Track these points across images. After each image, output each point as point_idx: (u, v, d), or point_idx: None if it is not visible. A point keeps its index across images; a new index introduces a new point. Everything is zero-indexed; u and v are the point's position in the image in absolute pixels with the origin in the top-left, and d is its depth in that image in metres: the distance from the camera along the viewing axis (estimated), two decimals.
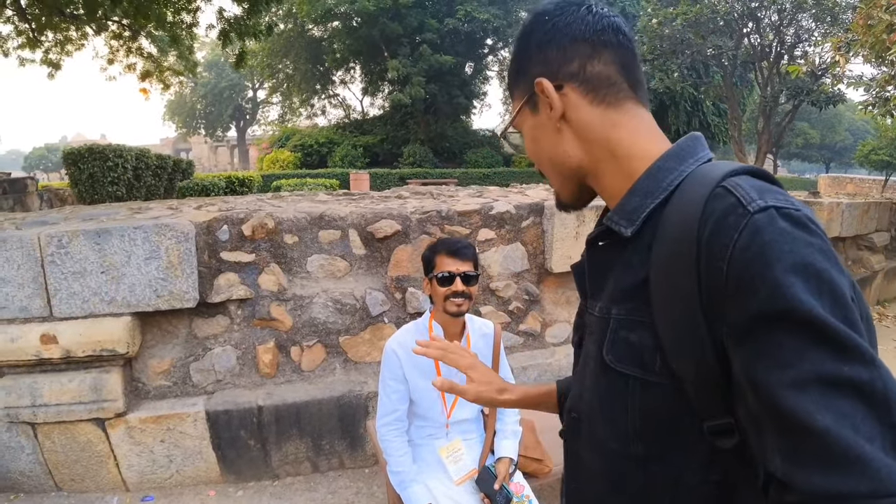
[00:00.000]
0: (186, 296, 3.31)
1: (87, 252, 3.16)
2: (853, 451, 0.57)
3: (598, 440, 0.91)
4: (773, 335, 0.63)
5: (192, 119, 47.59)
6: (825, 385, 0.59)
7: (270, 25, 10.19)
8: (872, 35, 6.55)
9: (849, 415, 0.58)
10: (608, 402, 0.87)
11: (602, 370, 0.87)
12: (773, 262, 0.64)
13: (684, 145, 0.87)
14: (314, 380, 3.67)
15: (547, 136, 0.93)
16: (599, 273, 0.92)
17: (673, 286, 0.75)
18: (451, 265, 2.21)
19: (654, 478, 0.83)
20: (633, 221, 0.83)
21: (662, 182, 0.83)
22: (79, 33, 11.21)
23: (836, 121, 46.03)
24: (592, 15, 0.89)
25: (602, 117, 0.88)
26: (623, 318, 0.84)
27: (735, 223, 0.68)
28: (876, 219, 7.46)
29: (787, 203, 0.69)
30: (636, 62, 0.91)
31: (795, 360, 0.61)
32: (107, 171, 7.72)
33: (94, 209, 4.34)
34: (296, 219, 3.71)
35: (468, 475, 2.31)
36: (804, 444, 0.60)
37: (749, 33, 18.23)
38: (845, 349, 0.60)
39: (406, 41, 28.75)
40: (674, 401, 0.78)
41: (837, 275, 0.65)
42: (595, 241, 0.94)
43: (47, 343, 3.13)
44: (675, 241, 0.75)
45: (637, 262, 0.83)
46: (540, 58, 0.91)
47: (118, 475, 3.38)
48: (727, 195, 0.71)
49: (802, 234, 0.66)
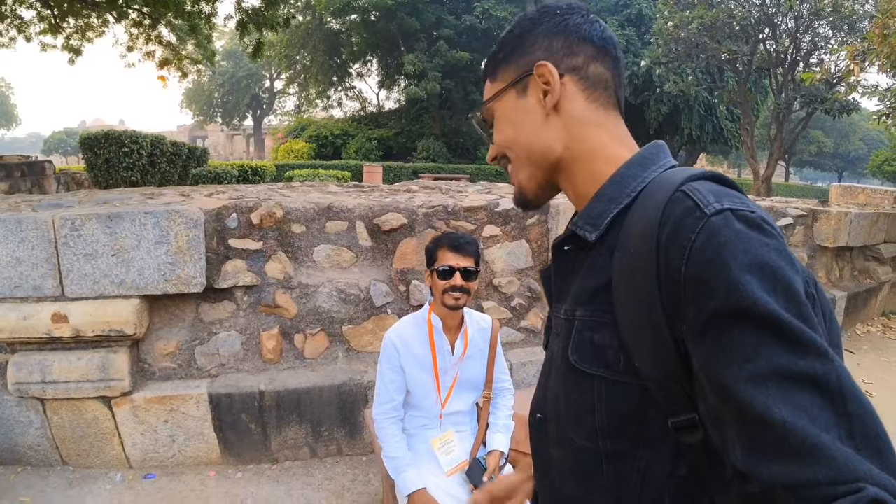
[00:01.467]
0: (194, 281, 3.39)
1: (99, 235, 3.24)
2: (810, 440, 0.58)
3: (566, 438, 0.92)
4: (731, 332, 0.65)
5: (210, 107, 47.82)
6: (781, 378, 0.61)
7: (288, 17, 10.27)
8: (888, 45, 6.53)
9: (805, 406, 0.60)
10: (575, 401, 0.89)
11: (568, 370, 0.89)
12: (728, 262, 0.66)
13: (647, 153, 0.90)
14: (316, 367, 3.75)
15: (531, 123, 0.94)
16: (565, 277, 0.95)
17: (634, 287, 0.77)
18: (452, 259, 2.27)
19: (623, 473, 0.84)
20: (598, 226, 0.86)
21: (626, 188, 0.86)
22: (99, 20, 11.35)
23: (850, 130, 45.60)
24: (599, 25, 0.93)
25: (592, 116, 0.91)
26: (587, 319, 0.86)
27: (692, 225, 0.71)
28: (885, 230, 7.40)
29: (743, 205, 0.71)
30: (622, 78, 0.95)
31: (752, 356, 0.63)
32: (122, 157, 7.83)
33: (108, 193, 4.43)
34: (304, 209, 3.78)
35: (459, 467, 2.37)
36: (763, 435, 0.61)
37: (765, 39, 18.12)
38: (800, 344, 0.62)
39: (423, 36, 28.80)
40: (638, 398, 0.80)
41: (791, 273, 0.67)
42: (561, 245, 0.96)
43: (58, 322, 3.22)
44: (635, 244, 0.77)
45: (601, 265, 0.85)
46: (545, 44, 0.92)
47: (122, 452, 3.48)
48: (685, 199, 0.74)
49: (757, 234, 0.68)
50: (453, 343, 2.39)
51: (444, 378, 2.38)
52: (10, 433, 3.41)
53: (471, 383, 2.47)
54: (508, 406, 2.57)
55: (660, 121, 26.30)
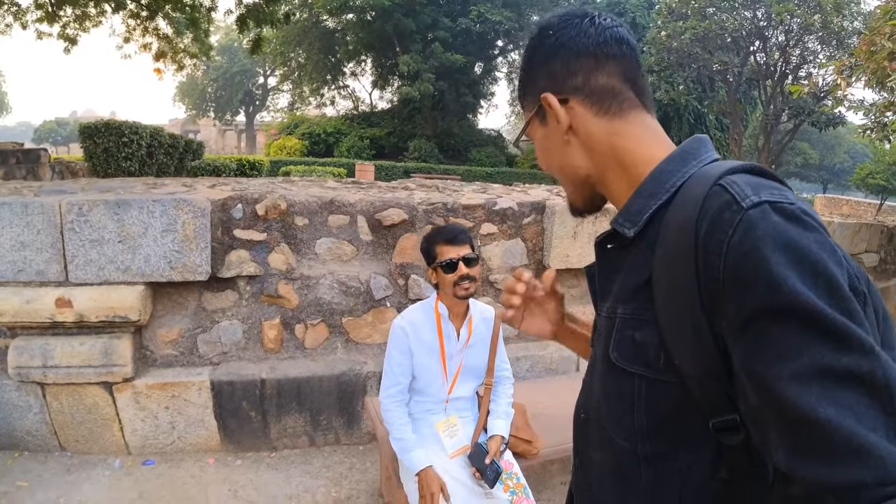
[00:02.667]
0: (199, 269, 3.44)
1: (106, 221, 3.28)
2: (856, 440, 0.56)
3: (606, 439, 0.91)
4: (772, 329, 0.63)
5: (203, 102, 47.56)
6: (825, 376, 0.59)
7: (288, 14, 10.31)
8: (874, 61, 6.64)
9: (850, 405, 0.58)
10: (615, 400, 0.88)
11: (608, 369, 0.88)
12: (768, 256, 0.64)
13: (688, 147, 0.88)
14: (316, 357, 3.81)
15: (556, 147, 0.96)
16: (608, 275, 0.94)
17: (674, 284, 0.76)
18: (451, 252, 2.35)
19: (663, 475, 0.83)
20: (636, 223, 0.85)
21: (665, 184, 0.84)
22: (97, 10, 11.31)
23: (836, 143, 46.14)
24: (595, 27, 0.91)
25: (607, 128, 0.90)
26: (628, 316, 0.85)
27: (730, 219, 0.69)
28: (866, 240, 7.57)
29: (781, 197, 0.69)
30: (639, 70, 0.93)
31: (794, 353, 0.61)
32: (122, 147, 7.84)
33: (109, 182, 4.47)
34: (307, 202, 3.84)
35: (462, 450, 2.45)
36: (807, 436, 0.60)
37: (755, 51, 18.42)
38: (844, 340, 0.60)
39: (418, 38, 28.92)
40: (679, 398, 0.78)
41: (834, 266, 0.65)
42: (603, 243, 0.96)
43: (62, 307, 3.25)
44: (675, 240, 0.76)
45: (642, 262, 0.84)
46: (545, 72, 0.93)
47: (122, 439, 3.51)
48: (723, 193, 0.72)
49: (796, 226, 0.66)
50: (459, 330, 2.49)
51: (450, 363, 2.47)
52: (8, 418, 3.43)
53: (474, 371, 2.56)
54: (508, 394, 2.66)
55: None
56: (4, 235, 3.23)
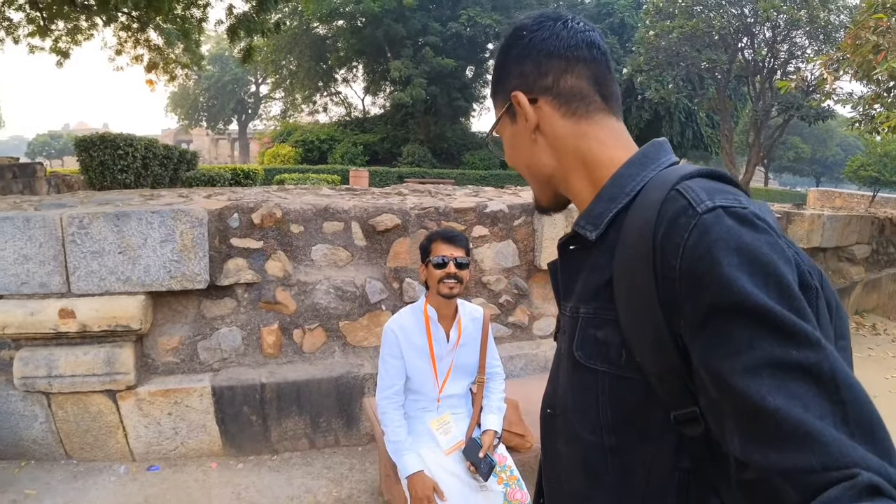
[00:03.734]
0: (198, 278, 3.52)
1: (107, 233, 3.36)
2: (804, 427, 0.59)
3: (573, 433, 0.94)
4: (725, 326, 0.67)
5: (195, 111, 47.56)
6: (775, 369, 0.63)
7: (279, 23, 10.36)
8: (860, 54, 6.74)
9: (799, 395, 0.61)
10: (580, 396, 0.91)
11: (573, 366, 0.92)
12: (720, 259, 0.68)
13: (647, 151, 0.92)
14: (314, 361, 3.89)
15: (523, 145, 0.99)
16: (570, 275, 0.97)
17: (634, 285, 0.79)
18: (445, 251, 2.47)
19: (629, 466, 0.86)
20: (598, 226, 0.88)
21: (625, 187, 0.87)
22: (88, 23, 11.35)
23: (827, 136, 46.36)
24: (567, 30, 0.93)
25: (573, 129, 0.93)
26: (590, 316, 0.89)
27: (685, 224, 0.73)
28: (857, 231, 7.67)
29: (735, 202, 0.73)
30: (609, 75, 0.95)
31: (747, 348, 0.65)
32: (117, 159, 7.90)
33: (107, 195, 4.55)
34: (302, 210, 3.93)
35: (456, 446, 2.54)
36: (759, 424, 0.63)
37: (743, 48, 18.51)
38: (792, 335, 0.64)
39: (409, 43, 29.02)
40: (640, 393, 0.82)
41: (783, 266, 0.68)
42: (566, 245, 0.98)
43: (65, 317, 3.33)
44: (634, 243, 0.79)
45: (603, 263, 0.87)
46: (517, 71, 0.96)
47: (126, 445, 3.58)
48: (679, 198, 0.76)
49: (748, 230, 0.70)
50: (448, 331, 2.58)
51: (440, 364, 2.57)
52: (14, 427, 3.49)
53: (465, 369, 2.65)
54: (500, 389, 2.76)
55: (641, 127, 26.73)
56: (7, 249, 3.30)
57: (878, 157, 25.89)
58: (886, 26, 6.15)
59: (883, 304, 8.33)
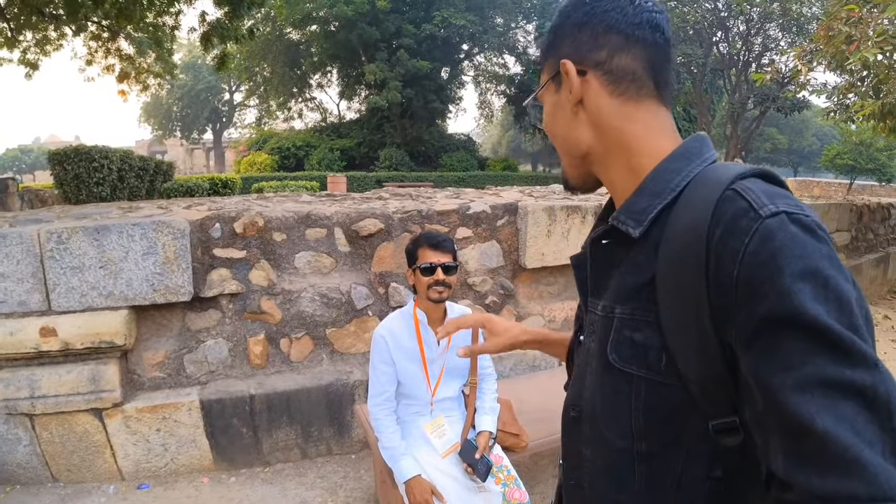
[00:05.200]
0: (181, 290, 3.47)
1: (87, 248, 3.29)
2: (851, 453, 0.57)
3: (600, 437, 0.90)
4: (780, 339, 0.64)
5: (168, 121, 47.12)
6: (828, 388, 0.60)
7: (252, 29, 10.28)
8: (833, 45, 6.83)
9: (850, 418, 0.58)
10: (611, 400, 0.87)
11: (605, 369, 0.87)
12: (783, 268, 0.65)
13: (690, 146, 0.88)
14: (303, 370, 3.85)
15: (563, 116, 0.94)
16: (603, 271, 0.92)
17: (680, 287, 0.75)
18: (432, 257, 2.45)
19: (658, 474, 0.83)
20: (641, 222, 0.84)
21: (670, 183, 0.83)
22: (57, 33, 11.21)
23: (803, 126, 47.05)
24: (633, 6, 0.88)
25: (619, 109, 0.89)
26: (628, 317, 0.84)
27: (746, 227, 0.69)
28: (836, 219, 7.79)
29: (798, 209, 0.70)
30: (667, 63, 0.91)
31: (799, 364, 0.62)
32: (92, 172, 7.75)
33: (84, 208, 4.46)
34: (284, 217, 3.89)
35: (452, 448, 2.53)
36: (805, 445, 0.60)
37: (718, 42, 18.77)
38: (849, 354, 0.61)
39: (383, 46, 28.99)
40: (678, 400, 0.78)
41: (843, 282, 0.66)
42: (598, 239, 0.93)
43: (46, 336, 3.26)
44: (683, 243, 0.75)
45: (643, 262, 0.83)
46: (572, 39, 0.91)
47: (114, 465, 3.51)
48: (738, 198, 0.72)
49: (812, 240, 0.67)
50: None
51: (432, 368, 2.56)
52: None
53: (457, 371, 2.64)
54: (493, 390, 2.76)
55: None
56: None
57: (854, 145, 26.36)
58: (858, 17, 6.24)
59: (864, 289, 8.34)
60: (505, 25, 32.55)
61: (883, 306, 8.34)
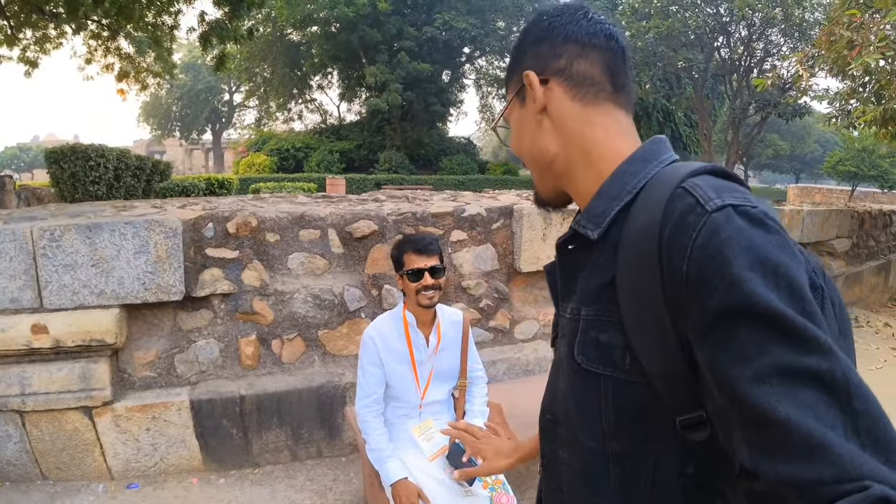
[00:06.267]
0: (173, 289, 3.46)
1: (79, 245, 3.29)
2: (815, 438, 0.57)
3: (574, 439, 0.91)
4: (734, 330, 0.65)
5: (168, 121, 47.02)
6: (785, 376, 0.61)
7: (251, 29, 10.28)
8: (835, 51, 6.79)
9: (810, 404, 0.59)
10: (582, 401, 0.88)
11: (574, 370, 0.88)
12: (730, 259, 0.65)
13: (648, 148, 0.89)
14: (294, 371, 3.84)
15: (529, 128, 0.96)
16: (570, 275, 0.94)
17: (638, 286, 0.76)
18: (418, 262, 2.43)
19: (631, 473, 0.84)
20: (599, 225, 0.86)
21: (627, 185, 0.85)
22: (57, 32, 11.17)
23: (805, 132, 46.86)
24: (588, 20, 0.92)
25: (580, 114, 0.91)
26: (592, 318, 0.85)
27: (694, 222, 0.70)
28: (837, 226, 7.77)
29: (744, 201, 0.71)
30: (624, 68, 0.94)
31: (756, 354, 0.63)
32: (88, 171, 7.75)
33: (78, 207, 4.45)
34: (278, 218, 3.88)
35: (440, 451, 2.51)
36: (768, 434, 0.61)
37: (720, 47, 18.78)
38: (804, 340, 0.62)
39: (384, 48, 29.00)
40: (645, 397, 0.79)
41: (795, 268, 0.66)
42: (564, 244, 0.95)
43: (38, 333, 3.24)
44: (638, 243, 0.77)
45: (604, 264, 0.84)
46: (532, 52, 0.94)
47: (103, 463, 3.49)
48: (686, 195, 0.73)
49: (758, 230, 0.68)
50: (427, 337, 2.56)
51: (421, 370, 2.54)
52: None
53: (446, 374, 2.63)
54: (483, 394, 2.75)
55: None
56: None
57: (856, 151, 26.29)
58: (860, 22, 6.21)
59: (865, 296, 8.45)
60: (506, 29, 32.54)
61: (884, 314, 8.32)
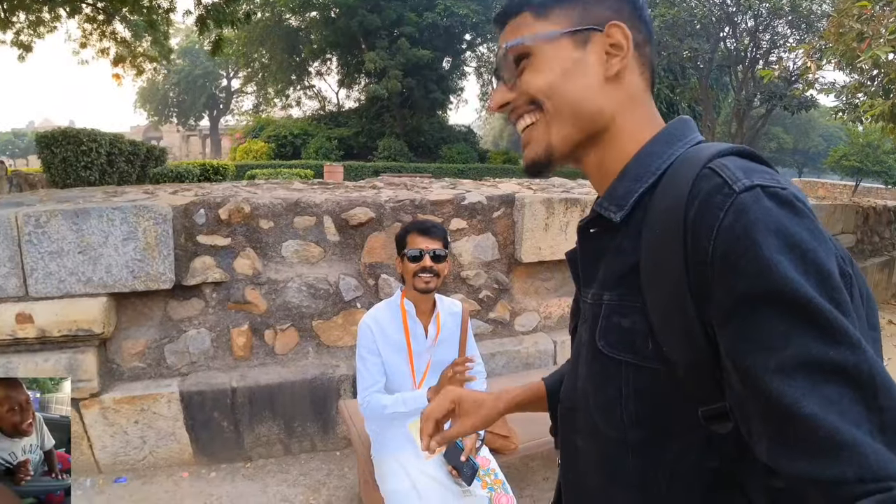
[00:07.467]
0: (163, 277, 3.35)
1: (65, 232, 3.18)
2: (839, 436, 0.55)
3: (593, 429, 0.88)
4: (759, 316, 0.62)
5: (165, 107, 46.70)
6: (811, 369, 0.58)
7: (248, 13, 10.15)
8: (843, 43, 6.69)
9: (835, 400, 0.57)
10: (602, 389, 0.84)
11: (595, 357, 0.85)
12: (759, 241, 0.62)
13: (673, 129, 0.86)
14: (287, 363, 3.74)
15: (586, 81, 0.85)
16: (592, 260, 0.90)
17: (662, 269, 0.73)
18: (421, 243, 2.34)
19: (651, 465, 0.80)
20: (622, 207, 0.82)
21: (651, 166, 0.82)
22: (51, 15, 11.00)
23: (809, 126, 46.68)
24: None
25: (642, 94, 0.87)
26: (615, 303, 0.82)
27: (720, 203, 0.67)
28: (842, 221, 7.70)
29: (774, 182, 0.67)
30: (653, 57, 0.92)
31: (781, 344, 0.60)
32: (80, 156, 7.61)
33: (68, 192, 4.34)
34: (272, 204, 3.76)
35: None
36: (790, 429, 0.58)
37: (725, 37, 18.64)
38: (832, 331, 0.59)
39: (384, 34, 28.76)
40: (667, 386, 0.76)
41: (825, 254, 0.63)
42: (586, 228, 0.91)
43: (23, 322, 3.15)
44: (663, 224, 0.74)
45: (628, 247, 0.81)
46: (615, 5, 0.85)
47: (91, 457, 3.41)
48: (713, 175, 0.70)
49: (788, 212, 0.64)
50: (426, 327, 2.46)
51: (418, 361, 2.45)
52: None
53: (444, 366, 2.51)
54: (481, 389, 2.62)
55: None
56: None
57: (861, 146, 26.08)
58: (870, 14, 6.09)
59: None
60: None
61: (888, 311, 8.22)
